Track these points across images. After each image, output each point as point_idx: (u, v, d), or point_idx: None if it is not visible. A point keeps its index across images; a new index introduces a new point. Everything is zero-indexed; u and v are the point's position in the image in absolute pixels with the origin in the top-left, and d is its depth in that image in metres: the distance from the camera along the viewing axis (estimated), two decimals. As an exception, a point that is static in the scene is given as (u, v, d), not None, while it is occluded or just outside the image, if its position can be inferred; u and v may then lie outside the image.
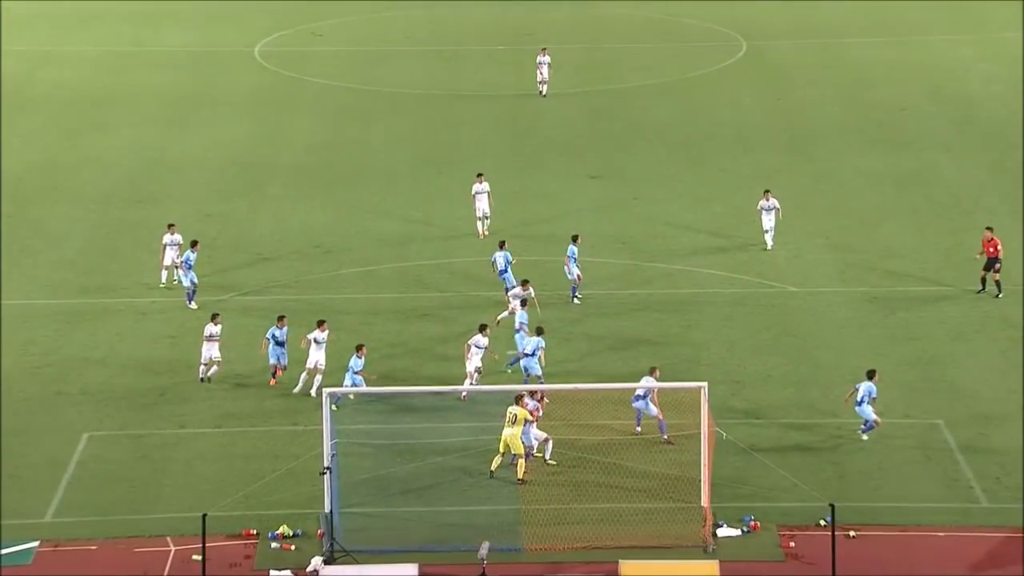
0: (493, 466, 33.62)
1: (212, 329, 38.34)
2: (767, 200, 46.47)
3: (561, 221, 50.05)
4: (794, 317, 42.98)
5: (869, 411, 35.07)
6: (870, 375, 35.42)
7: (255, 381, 38.55)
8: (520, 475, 33.23)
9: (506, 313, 40.26)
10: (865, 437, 34.91)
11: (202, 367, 38.26)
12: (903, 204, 51.68)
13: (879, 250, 47.74)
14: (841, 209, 51.21)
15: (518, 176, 54.51)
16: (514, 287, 41.19)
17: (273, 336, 38.10)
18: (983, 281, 43.32)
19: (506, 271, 42.45)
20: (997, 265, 43.02)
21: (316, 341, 37.49)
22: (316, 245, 48.71)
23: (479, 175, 48.93)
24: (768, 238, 46.42)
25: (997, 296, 43.16)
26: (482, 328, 37.04)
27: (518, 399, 33.57)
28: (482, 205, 48.41)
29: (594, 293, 43.79)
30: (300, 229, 49.92)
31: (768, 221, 46.34)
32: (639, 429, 35.21)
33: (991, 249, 43.18)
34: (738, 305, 43.70)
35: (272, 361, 38.03)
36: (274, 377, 38.07)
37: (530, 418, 33.52)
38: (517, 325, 38.44)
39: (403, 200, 52.44)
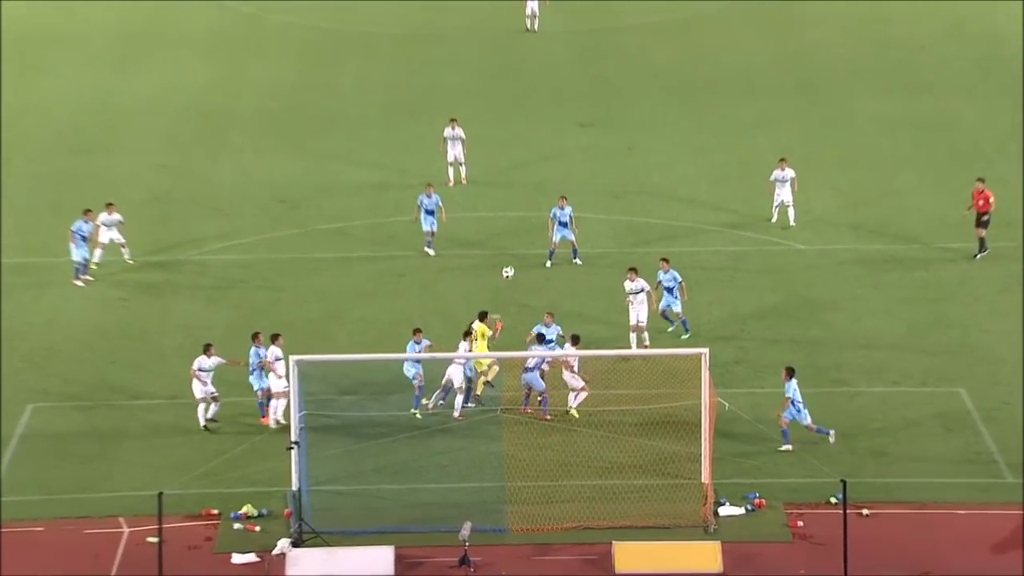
0: (478, 391, 34.91)
1: (205, 362, 34.79)
2: (782, 170, 45.04)
3: (548, 173, 49.94)
4: (802, 277, 43.00)
5: (804, 415, 33.71)
6: (790, 373, 33.83)
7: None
8: (478, 388, 34.90)
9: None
10: (832, 440, 33.94)
11: (200, 409, 34.71)
12: (921, 153, 51.66)
13: (895, 203, 47.74)
14: (853, 159, 51.17)
15: (501, 124, 54.34)
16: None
17: (258, 357, 34.92)
18: (980, 241, 43.06)
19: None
20: (985, 218, 42.80)
21: (277, 358, 34.56)
22: (281, 199, 48.55)
23: (452, 120, 48.83)
24: (789, 213, 44.72)
25: (975, 257, 42.92)
26: (466, 335, 35.75)
27: (482, 316, 34.99)
28: (455, 151, 48.37)
29: (585, 252, 43.77)
30: (263, 182, 49.75)
31: (783, 194, 44.93)
32: (528, 409, 34.87)
33: (981, 202, 43.05)
34: (741, 264, 43.70)
35: (261, 386, 34.94)
36: (263, 416, 34.85)
37: (489, 332, 35.04)
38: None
39: (376, 150, 52.24)
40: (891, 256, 44.11)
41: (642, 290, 37.74)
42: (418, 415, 34.85)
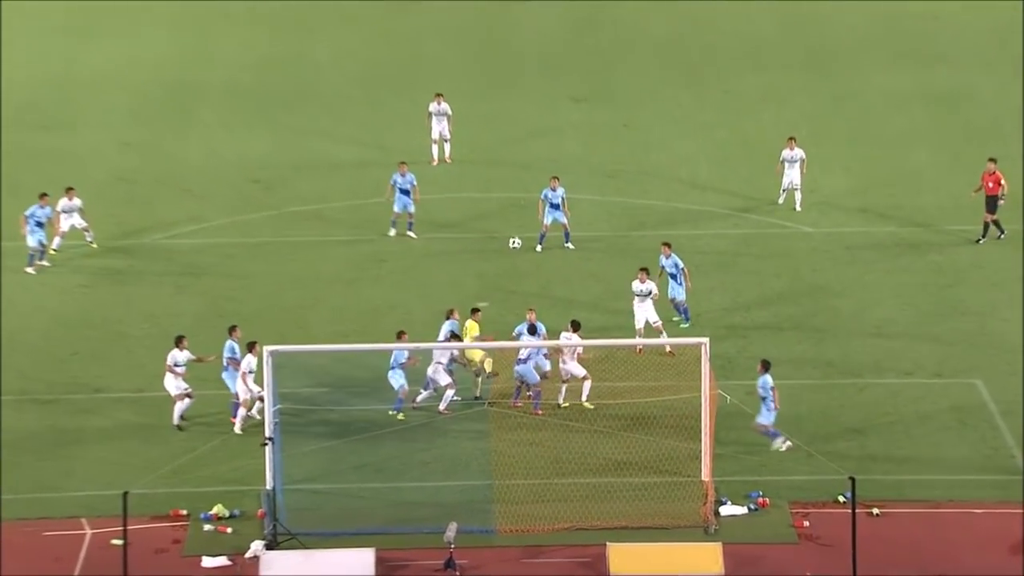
0: (478, 392, 35.34)
1: (178, 356, 34.55)
2: (791, 149, 45.15)
3: (538, 151, 49.97)
4: (808, 262, 43.10)
5: (769, 413, 33.32)
6: (766, 367, 33.46)
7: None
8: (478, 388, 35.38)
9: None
10: (784, 447, 33.52)
11: (176, 408, 34.46)
12: (935, 129, 51.75)
13: (907, 183, 47.84)
14: (863, 135, 51.25)
15: (488, 98, 54.34)
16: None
17: (233, 352, 34.58)
18: (985, 226, 43.07)
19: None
20: (996, 202, 42.80)
21: (251, 370, 34.06)
22: (254, 179, 48.54)
23: (438, 94, 48.86)
24: (796, 197, 44.76)
25: (978, 241, 43.01)
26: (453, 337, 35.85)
27: (473, 311, 35.27)
28: (440, 128, 48.46)
29: (577, 236, 43.83)
30: (235, 160, 49.73)
31: (792, 175, 44.92)
32: (518, 403, 34.96)
33: (991, 184, 43.12)
34: (744, 248, 43.78)
35: (234, 388, 34.61)
36: (233, 417, 34.59)
37: (477, 333, 35.13)
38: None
39: (355, 126, 52.22)
40: (903, 239, 44.21)
41: (650, 293, 37.44)
42: (400, 416, 34.85)
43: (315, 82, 55.98)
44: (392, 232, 44.02)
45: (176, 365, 34.69)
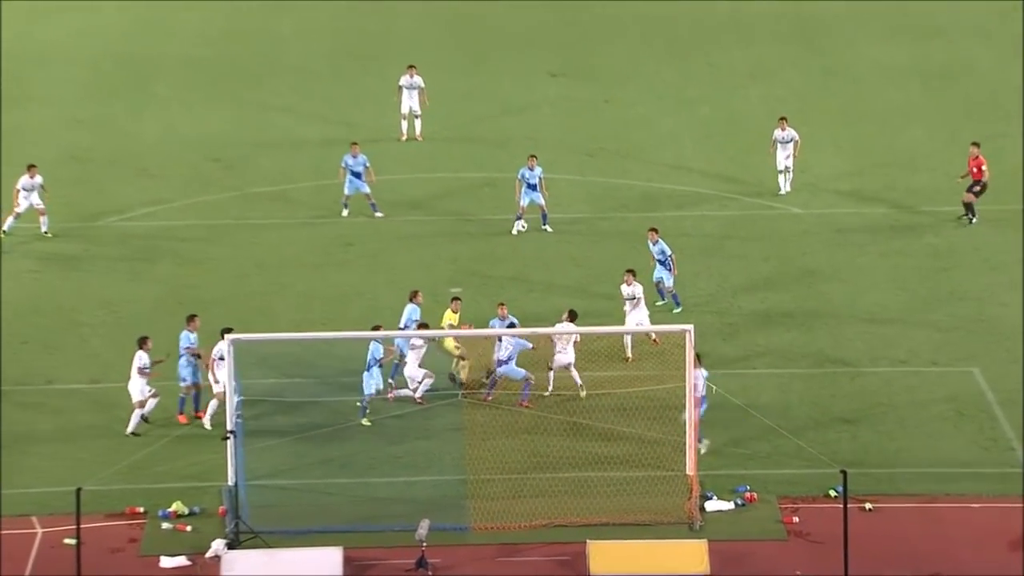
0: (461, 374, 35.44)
1: (145, 359, 34.12)
2: (783, 130, 45.18)
3: (514, 129, 49.99)
4: (798, 244, 43.21)
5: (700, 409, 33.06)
6: (698, 360, 32.71)
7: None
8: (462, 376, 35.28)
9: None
10: (704, 450, 33.21)
11: (134, 416, 34.17)
12: (931, 105, 51.92)
13: (902, 162, 47.99)
14: (856, 112, 51.40)
15: (461, 73, 54.33)
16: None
17: (189, 343, 34.46)
18: (967, 207, 43.14)
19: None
20: (976, 188, 43.00)
21: (221, 357, 33.33)
22: (214, 159, 48.48)
23: (411, 67, 48.90)
24: (782, 180, 45.09)
25: (962, 219, 43.07)
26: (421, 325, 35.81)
27: (453, 300, 35.45)
28: (411, 102, 48.50)
29: (555, 218, 43.86)
30: (194, 138, 49.65)
31: (784, 157, 45.00)
32: (489, 396, 34.88)
33: (975, 170, 43.30)
34: (731, 231, 43.88)
35: (189, 380, 34.53)
36: (197, 411, 34.40)
37: (454, 321, 35.30)
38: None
39: (321, 103, 52.19)
40: (897, 221, 44.35)
41: (640, 297, 36.84)
42: (365, 422, 34.60)
43: (279, 56, 55.89)
44: (344, 213, 43.95)
45: (145, 368, 34.23)
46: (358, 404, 34.82)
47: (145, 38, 57.02)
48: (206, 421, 34.46)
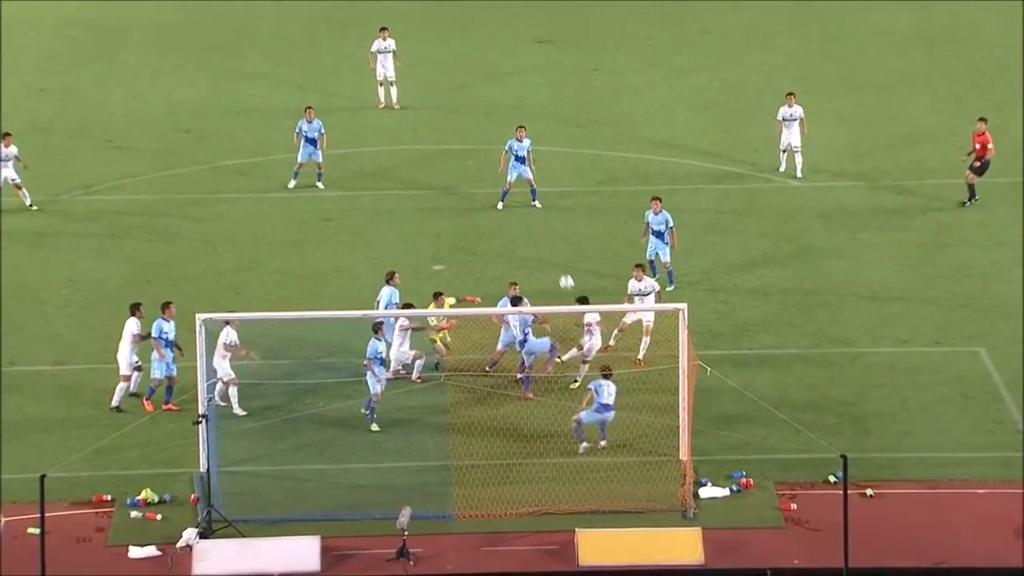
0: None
1: (135, 327, 34.17)
2: (790, 107, 44.63)
3: (498, 98, 49.93)
4: (796, 219, 43.26)
5: (587, 414, 32.91)
6: (606, 374, 32.91)
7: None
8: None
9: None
10: (582, 450, 33.21)
11: (121, 385, 34.20)
12: (935, 72, 51.93)
13: (904, 132, 48.03)
14: (857, 80, 51.40)
15: (443, 39, 54.24)
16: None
17: (161, 333, 34.06)
18: (970, 189, 43.08)
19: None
20: (977, 164, 42.87)
21: (233, 343, 33.93)
22: (185, 129, 48.39)
23: (383, 29, 48.84)
24: (797, 160, 44.33)
25: (965, 204, 43.09)
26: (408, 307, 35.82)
27: (436, 296, 35.16)
28: (386, 68, 48.44)
29: (544, 192, 43.85)
30: (163, 108, 49.56)
31: (791, 136, 44.47)
32: (529, 395, 34.77)
33: (978, 147, 43.24)
34: (726, 206, 43.91)
35: (158, 374, 34.12)
36: (168, 400, 34.14)
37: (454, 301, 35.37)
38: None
39: (297, 70, 52.10)
40: (900, 195, 44.39)
41: (652, 291, 36.60)
42: (375, 428, 34.21)
43: (252, 21, 55.74)
44: (292, 184, 43.88)
45: (140, 337, 33.98)
46: (363, 412, 34.21)
47: (112, 3, 56.82)
48: (237, 410, 34.05)
